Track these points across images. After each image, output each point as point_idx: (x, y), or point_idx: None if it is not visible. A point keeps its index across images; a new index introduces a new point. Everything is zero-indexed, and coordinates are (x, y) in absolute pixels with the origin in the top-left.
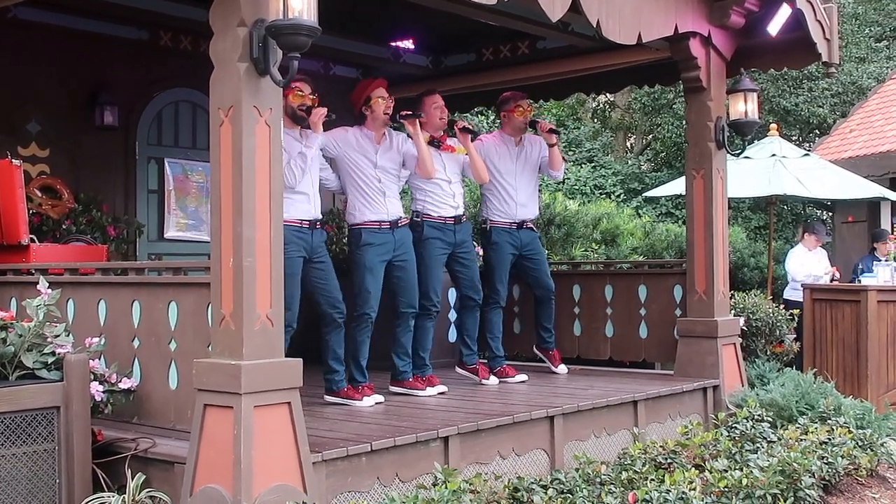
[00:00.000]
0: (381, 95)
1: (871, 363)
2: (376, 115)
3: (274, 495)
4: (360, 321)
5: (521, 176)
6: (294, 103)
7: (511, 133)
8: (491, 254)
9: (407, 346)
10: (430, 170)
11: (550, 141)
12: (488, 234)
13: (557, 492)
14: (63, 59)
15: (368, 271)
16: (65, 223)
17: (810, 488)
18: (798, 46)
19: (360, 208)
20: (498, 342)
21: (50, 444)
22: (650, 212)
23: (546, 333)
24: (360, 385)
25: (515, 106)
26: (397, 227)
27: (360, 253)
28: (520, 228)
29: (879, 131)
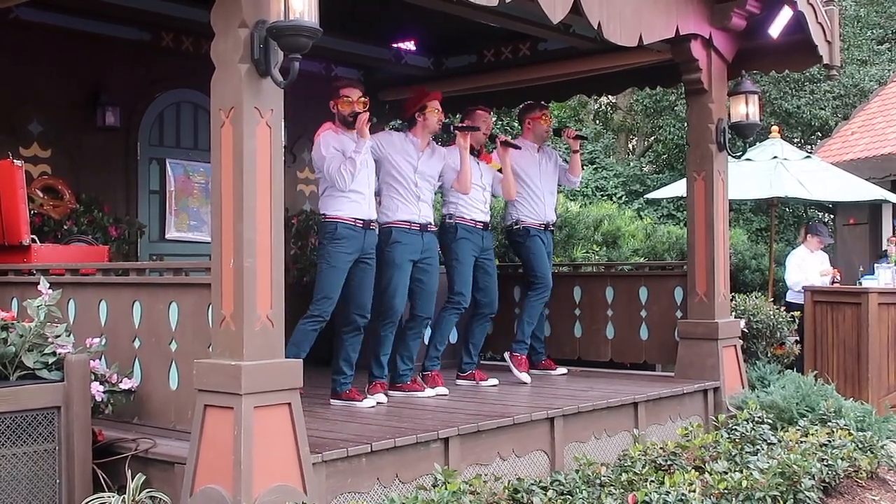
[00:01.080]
0: (437, 108)
1: (872, 365)
2: (429, 123)
3: (274, 496)
4: (388, 318)
5: (547, 182)
6: (344, 111)
7: (533, 140)
8: (530, 246)
9: (413, 352)
10: (468, 186)
11: (575, 147)
12: (524, 234)
13: (557, 493)
14: (65, 59)
15: (398, 268)
16: (66, 224)
17: (810, 490)
18: (799, 49)
19: (393, 208)
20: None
21: (50, 445)
22: (651, 214)
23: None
24: (376, 381)
25: (541, 114)
26: (426, 231)
27: (389, 251)
28: (546, 230)
29: (881, 134)
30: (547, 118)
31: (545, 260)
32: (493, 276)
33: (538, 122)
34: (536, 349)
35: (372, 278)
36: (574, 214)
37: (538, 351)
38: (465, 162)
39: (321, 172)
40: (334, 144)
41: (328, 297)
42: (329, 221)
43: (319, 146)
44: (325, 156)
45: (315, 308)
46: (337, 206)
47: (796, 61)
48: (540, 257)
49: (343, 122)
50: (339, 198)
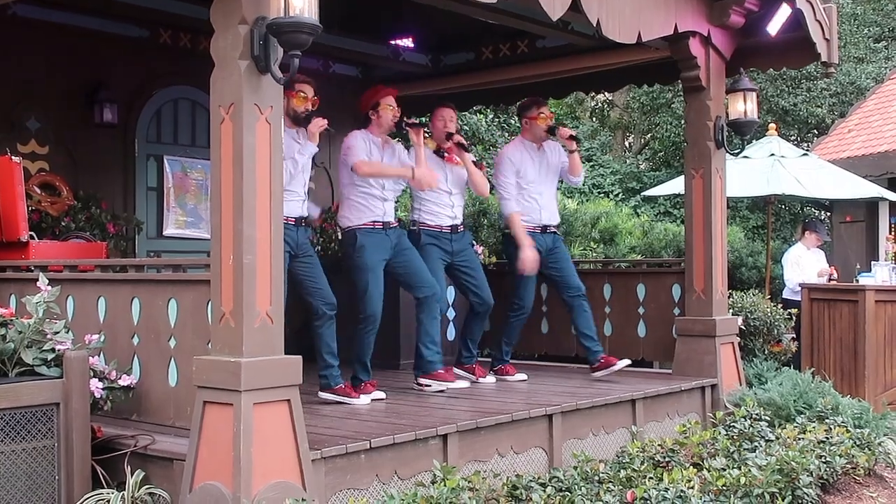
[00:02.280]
0: (391, 104)
1: (869, 363)
2: (383, 121)
3: (273, 492)
4: (367, 323)
5: (544, 181)
6: (297, 107)
7: (532, 139)
8: (517, 260)
9: (434, 335)
10: (427, 184)
11: (571, 147)
12: (513, 240)
13: (556, 490)
14: (62, 56)
15: (369, 271)
16: (64, 220)
17: (808, 487)
18: (797, 46)
19: (355, 212)
20: (510, 347)
21: (49, 441)
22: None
23: (589, 342)
24: (363, 383)
25: (538, 113)
26: (390, 228)
27: (357, 255)
28: (544, 233)
29: (878, 131)
30: (545, 116)
31: (529, 277)
32: (477, 272)
33: (535, 122)
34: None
35: (318, 267)
36: (571, 212)
37: (593, 351)
38: (420, 158)
39: None
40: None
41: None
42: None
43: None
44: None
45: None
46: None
47: (794, 59)
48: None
49: (293, 119)
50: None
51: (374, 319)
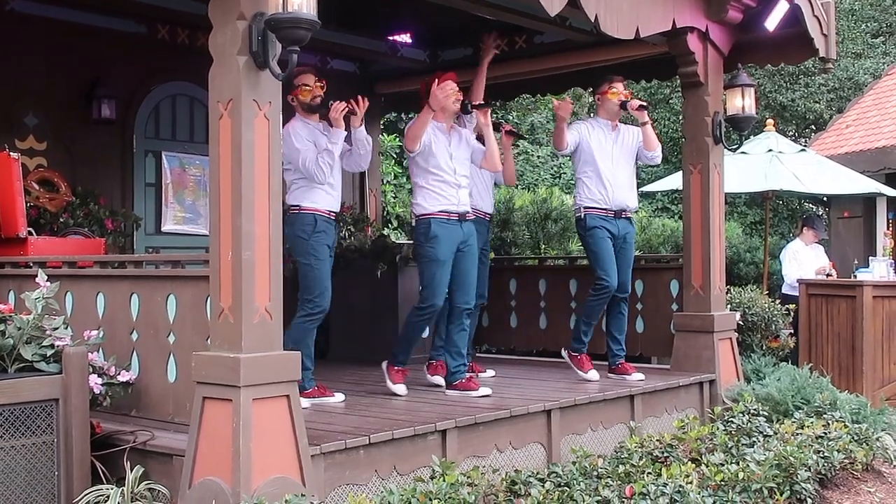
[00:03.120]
0: (452, 87)
1: (867, 358)
2: (446, 105)
3: (272, 488)
4: (426, 312)
5: (619, 163)
6: (306, 99)
7: (606, 116)
8: (591, 240)
9: (461, 346)
10: (497, 163)
11: (642, 119)
12: (583, 222)
13: (555, 485)
14: (60, 52)
15: (441, 265)
16: (62, 216)
17: (806, 482)
18: (795, 42)
19: (429, 199)
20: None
21: (49, 437)
22: (646, 206)
23: (615, 344)
24: (398, 368)
25: (609, 88)
26: (465, 221)
27: (430, 246)
28: (617, 217)
29: (875, 127)
30: (616, 92)
31: (608, 257)
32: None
33: (606, 97)
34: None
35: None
36: (570, 207)
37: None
38: (490, 138)
39: (291, 165)
40: (306, 136)
41: (325, 289)
42: (307, 213)
43: (291, 139)
44: (298, 148)
45: (313, 306)
46: (313, 197)
47: (792, 54)
48: (601, 254)
49: (308, 111)
50: (315, 189)
51: (434, 310)
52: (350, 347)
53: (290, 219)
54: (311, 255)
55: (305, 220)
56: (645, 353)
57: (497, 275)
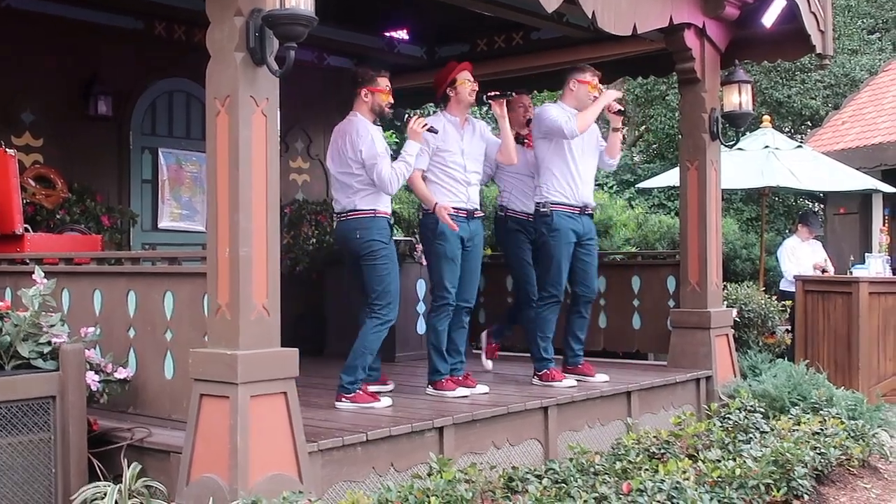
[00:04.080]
0: (468, 78)
1: (863, 354)
2: (461, 97)
3: (270, 485)
4: (444, 310)
5: (585, 157)
6: (382, 101)
7: (576, 106)
8: (551, 242)
9: (459, 344)
10: (513, 156)
11: (616, 124)
12: (549, 220)
13: (552, 482)
14: (57, 48)
15: (450, 261)
16: (59, 213)
17: (803, 478)
18: (792, 38)
19: (438, 195)
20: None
21: (46, 434)
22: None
23: (577, 344)
24: (443, 377)
25: (591, 79)
26: (472, 218)
27: (438, 242)
28: (582, 214)
29: (871, 123)
30: (594, 86)
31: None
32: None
33: (585, 87)
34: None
35: None
36: None
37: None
38: (506, 130)
39: (364, 169)
40: (384, 144)
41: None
42: (382, 217)
43: (373, 142)
44: (380, 154)
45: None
46: (379, 202)
47: (789, 51)
48: (560, 264)
49: (378, 114)
50: (382, 196)
51: (451, 305)
52: (346, 343)
53: (366, 222)
54: (386, 259)
55: (381, 225)
56: (642, 349)
57: (494, 271)
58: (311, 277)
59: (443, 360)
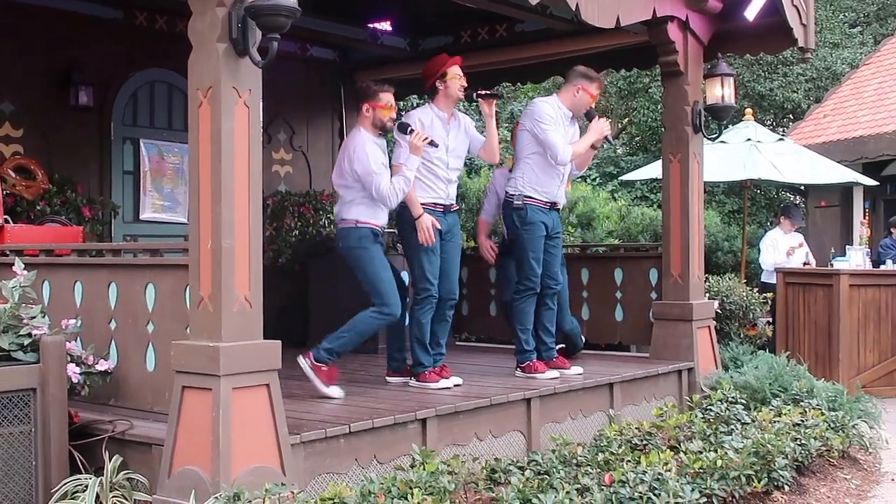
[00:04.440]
0: (458, 73)
1: (843, 346)
2: (450, 92)
3: (252, 477)
4: (427, 302)
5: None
6: (384, 116)
7: (570, 108)
8: (525, 235)
9: (441, 336)
10: (497, 155)
11: (597, 143)
12: (523, 213)
13: (534, 473)
14: (37, 38)
15: (430, 252)
16: (39, 204)
17: (783, 469)
18: (774, 31)
19: (417, 189)
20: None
21: (26, 427)
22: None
23: (548, 337)
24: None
25: (596, 92)
26: (449, 212)
27: (416, 235)
28: (551, 209)
29: (853, 117)
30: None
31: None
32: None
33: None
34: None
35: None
36: None
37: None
38: (493, 129)
39: (358, 183)
40: (381, 160)
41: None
42: (364, 227)
43: (367, 160)
44: (375, 172)
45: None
46: (368, 213)
47: (771, 44)
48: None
49: (380, 128)
50: (374, 207)
51: (435, 297)
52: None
53: (346, 232)
54: (370, 262)
55: (362, 233)
56: (624, 341)
57: (476, 263)
58: (294, 269)
59: (426, 353)
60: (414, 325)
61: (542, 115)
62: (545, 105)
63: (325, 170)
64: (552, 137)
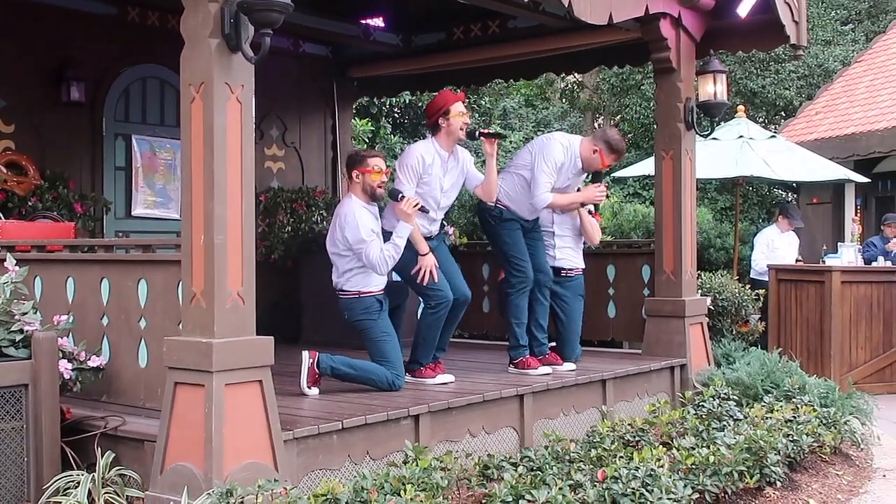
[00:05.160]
0: (461, 110)
1: (835, 343)
2: (452, 129)
3: (245, 473)
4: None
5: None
6: (373, 182)
7: (585, 162)
8: (503, 231)
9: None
10: (494, 195)
11: (594, 202)
12: (498, 214)
13: (527, 469)
14: (29, 33)
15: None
16: (31, 200)
17: (776, 465)
18: (767, 28)
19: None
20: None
21: (18, 423)
22: (618, 192)
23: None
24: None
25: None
26: (433, 238)
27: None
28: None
29: (844, 114)
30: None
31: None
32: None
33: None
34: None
35: None
36: None
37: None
38: (492, 170)
39: (350, 252)
40: (371, 226)
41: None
42: (367, 297)
43: (357, 227)
44: (365, 240)
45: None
46: (367, 282)
47: (764, 41)
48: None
49: (370, 195)
50: (372, 275)
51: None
52: (322, 331)
53: (350, 304)
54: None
55: (365, 303)
56: (617, 337)
57: (470, 260)
58: (287, 265)
59: (428, 354)
60: (424, 327)
61: (548, 156)
62: (558, 149)
63: (318, 166)
64: (541, 179)
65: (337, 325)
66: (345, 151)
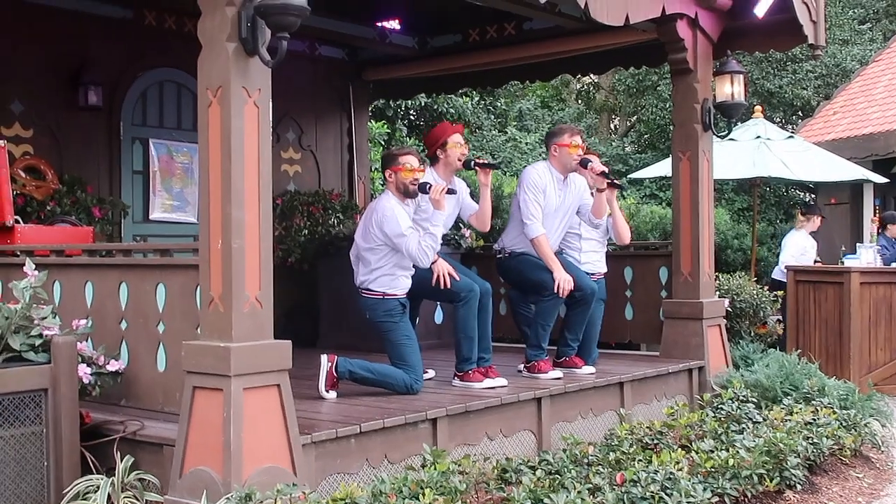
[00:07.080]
0: (459, 141)
1: (854, 344)
2: (450, 160)
3: (264, 477)
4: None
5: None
6: (406, 179)
7: (561, 168)
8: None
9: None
10: (488, 225)
11: (600, 185)
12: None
13: (545, 473)
14: (46, 38)
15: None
16: (49, 204)
17: (796, 468)
18: (784, 28)
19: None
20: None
21: (38, 427)
22: (634, 193)
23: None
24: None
25: (570, 140)
26: None
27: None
28: None
29: (862, 114)
30: (577, 145)
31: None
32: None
33: (566, 150)
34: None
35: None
36: None
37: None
38: (487, 200)
39: (386, 246)
40: (409, 223)
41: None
42: (391, 299)
43: (396, 222)
44: (405, 234)
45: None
46: (394, 284)
47: (781, 41)
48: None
49: (404, 192)
50: (399, 277)
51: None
52: (339, 334)
53: (373, 304)
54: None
55: (389, 305)
56: (634, 339)
57: (484, 262)
58: (303, 269)
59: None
60: (461, 321)
61: (527, 184)
62: (532, 173)
63: (334, 169)
64: (530, 209)
65: (355, 329)
66: (361, 154)
